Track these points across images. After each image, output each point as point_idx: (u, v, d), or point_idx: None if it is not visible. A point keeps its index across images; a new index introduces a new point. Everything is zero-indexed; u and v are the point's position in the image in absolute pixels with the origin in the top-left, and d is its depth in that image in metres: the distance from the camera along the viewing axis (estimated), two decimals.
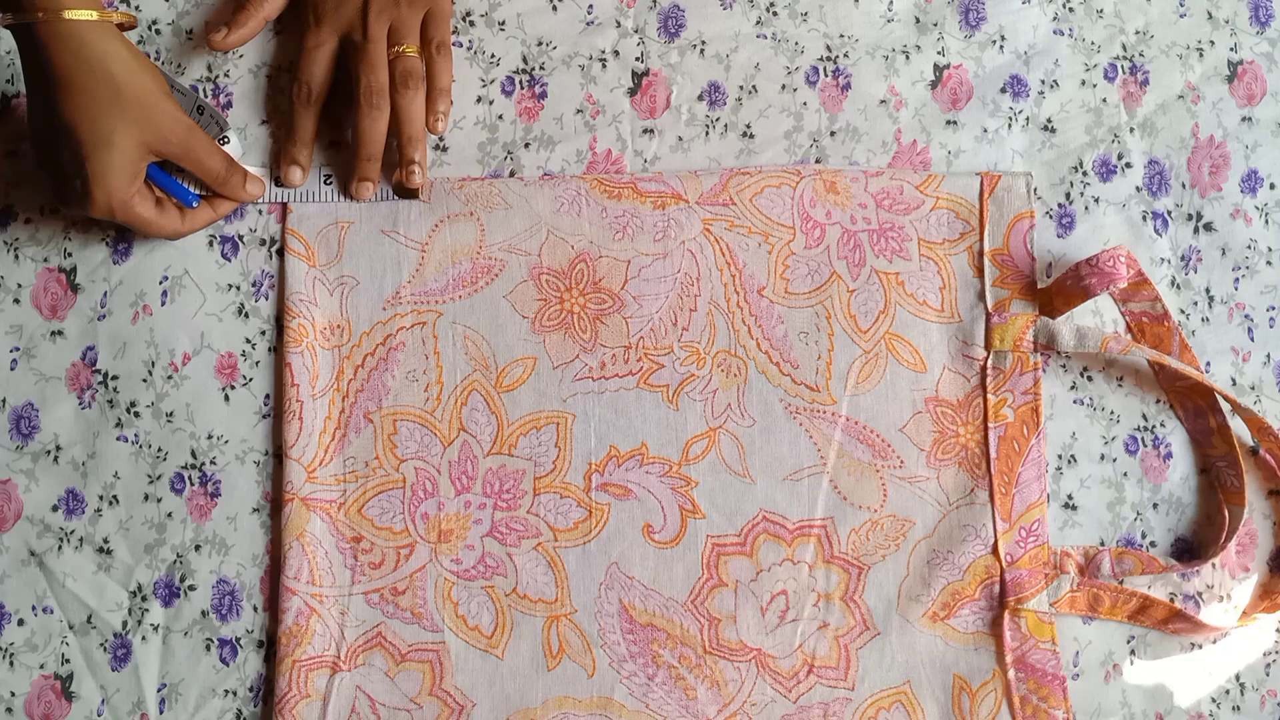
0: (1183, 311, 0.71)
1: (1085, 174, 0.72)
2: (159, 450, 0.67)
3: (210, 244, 0.69)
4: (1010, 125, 0.72)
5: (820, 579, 0.67)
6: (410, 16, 0.66)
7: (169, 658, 0.66)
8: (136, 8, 0.71)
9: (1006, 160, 0.72)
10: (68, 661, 0.65)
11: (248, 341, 0.68)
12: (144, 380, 0.68)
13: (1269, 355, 0.72)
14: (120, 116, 0.60)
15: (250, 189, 0.67)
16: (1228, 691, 0.69)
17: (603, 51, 0.72)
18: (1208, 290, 0.72)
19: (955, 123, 0.72)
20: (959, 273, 0.70)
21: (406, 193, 0.68)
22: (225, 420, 0.67)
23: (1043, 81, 0.73)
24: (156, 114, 0.62)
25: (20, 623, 0.66)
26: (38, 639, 0.66)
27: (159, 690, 0.66)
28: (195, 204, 0.66)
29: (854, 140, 0.72)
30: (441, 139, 0.70)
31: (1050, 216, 0.72)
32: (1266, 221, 0.73)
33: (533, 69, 0.71)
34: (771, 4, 0.73)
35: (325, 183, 0.69)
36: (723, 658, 0.66)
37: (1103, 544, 0.69)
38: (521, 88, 0.71)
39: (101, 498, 0.67)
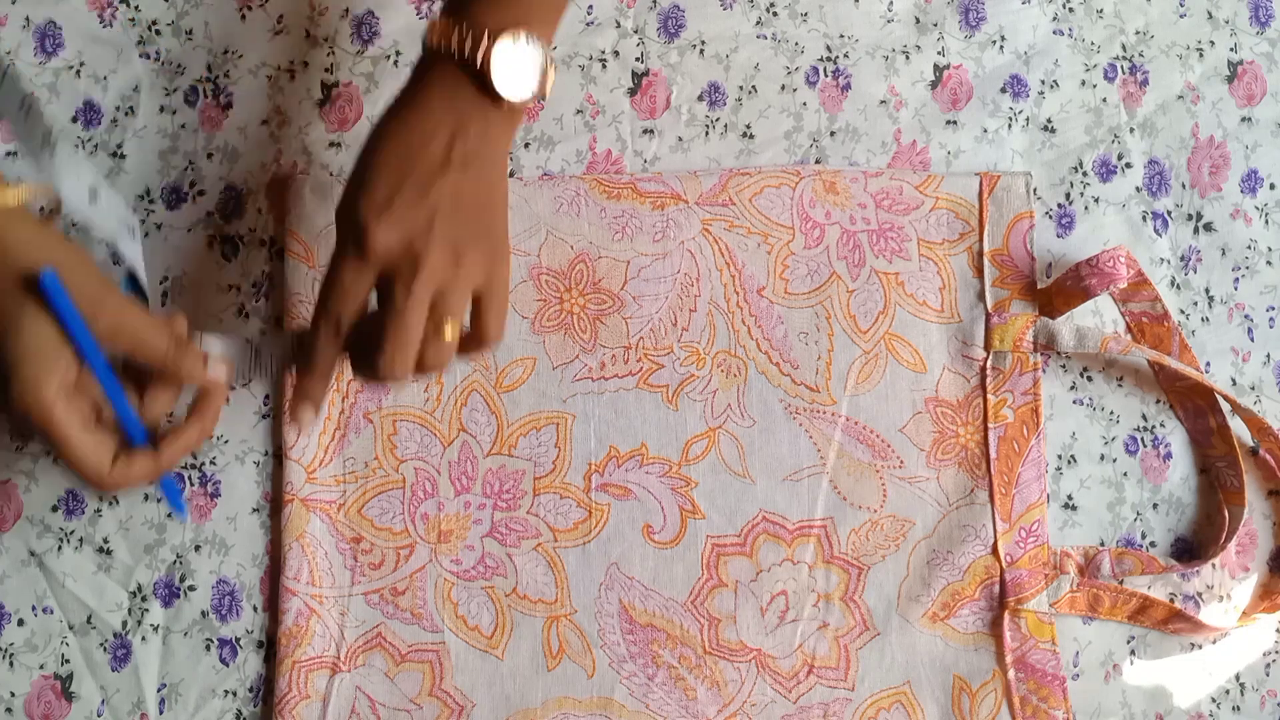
0: (1183, 312, 0.71)
1: (1085, 174, 0.72)
2: None
3: (210, 244, 0.69)
4: (1010, 125, 0.72)
5: (820, 579, 0.67)
6: (461, 282, 0.53)
7: (169, 658, 0.66)
8: (136, 8, 0.71)
9: (1006, 160, 0.72)
10: (67, 662, 0.66)
11: (248, 342, 0.68)
12: None
13: (1269, 355, 0.72)
14: (28, 311, 0.50)
15: (213, 371, 0.55)
16: (1228, 691, 0.69)
17: (603, 52, 0.72)
18: (1208, 290, 0.72)
19: (955, 123, 0.72)
20: (959, 273, 0.70)
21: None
22: (225, 420, 0.67)
23: (1043, 82, 0.73)
24: (74, 294, 0.50)
25: (20, 623, 0.66)
26: (38, 639, 0.66)
27: (159, 690, 0.66)
28: (140, 441, 0.54)
29: (854, 140, 0.72)
30: None
31: (1050, 217, 0.72)
32: (1266, 221, 0.73)
33: None
34: (771, 4, 0.73)
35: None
36: (722, 658, 0.66)
37: (1103, 544, 0.69)
38: None
39: (101, 498, 0.67)
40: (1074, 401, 0.70)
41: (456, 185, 0.53)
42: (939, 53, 0.73)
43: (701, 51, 0.72)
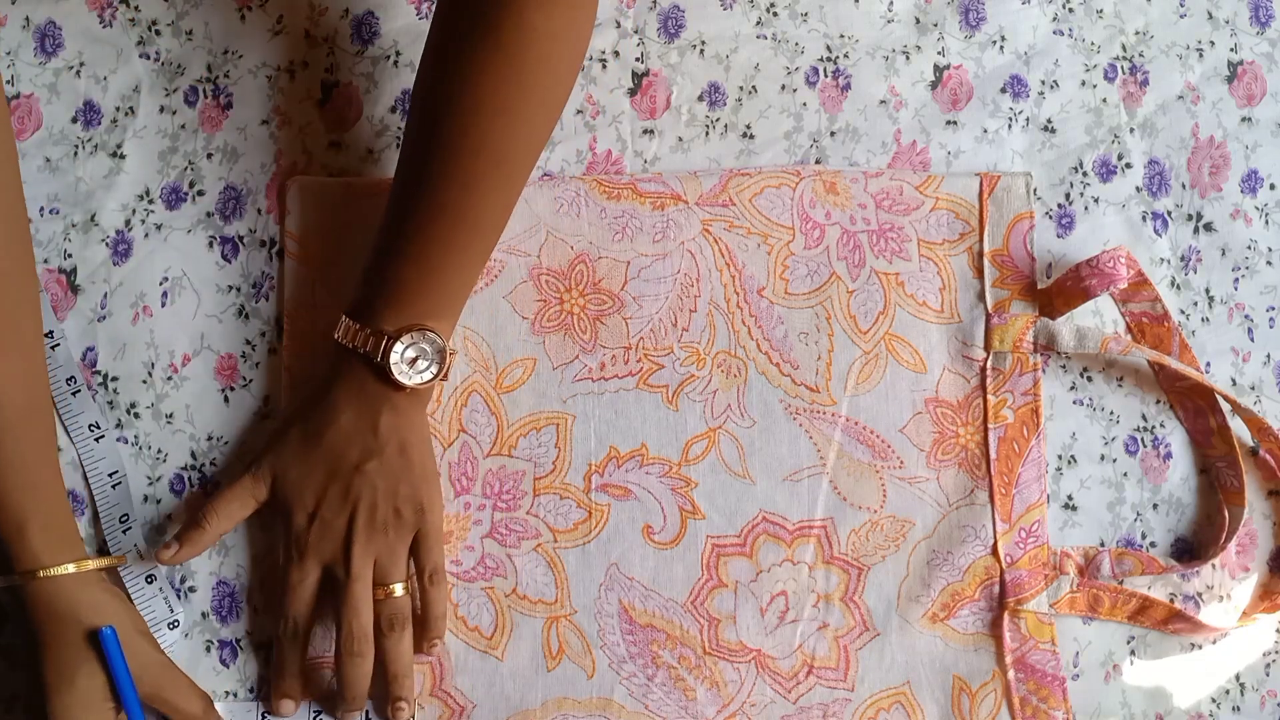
0: (1183, 312, 0.71)
1: (1085, 174, 0.72)
2: (159, 451, 0.67)
3: (210, 245, 0.69)
4: (1010, 126, 0.72)
5: (820, 579, 0.67)
6: (398, 546, 0.62)
7: None
8: (136, 8, 0.71)
9: (1006, 161, 0.72)
10: None
11: (248, 343, 0.68)
12: (144, 381, 0.68)
13: (1269, 355, 0.72)
14: (82, 662, 0.58)
15: None
16: (1228, 692, 0.69)
17: (603, 52, 0.72)
18: (1208, 290, 0.72)
19: (955, 123, 0.72)
20: (959, 273, 0.70)
21: None
22: (225, 422, 0.67)
23: (1043, 82, 0.73)
24: (127, 653, 0.59)
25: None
26: None
27: None
28: None
29: (854, 141, 0.72)
30: None
31: (1050, 217, 0.72)
32: (1266, 222, 0.73)
33: None
34: (771, 4, 0.72)
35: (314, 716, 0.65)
36: (722, 658, 0.66)
37: (1102, 544, 0.69)
38: None
39: None
40: (1074, 402, 0.70)
41: (375, 473, 0.61)
42: (939, 53, 0.73)
43: (701, 52, 0.72)
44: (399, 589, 0.62)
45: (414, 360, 0.61)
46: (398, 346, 0.60)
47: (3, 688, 0.65)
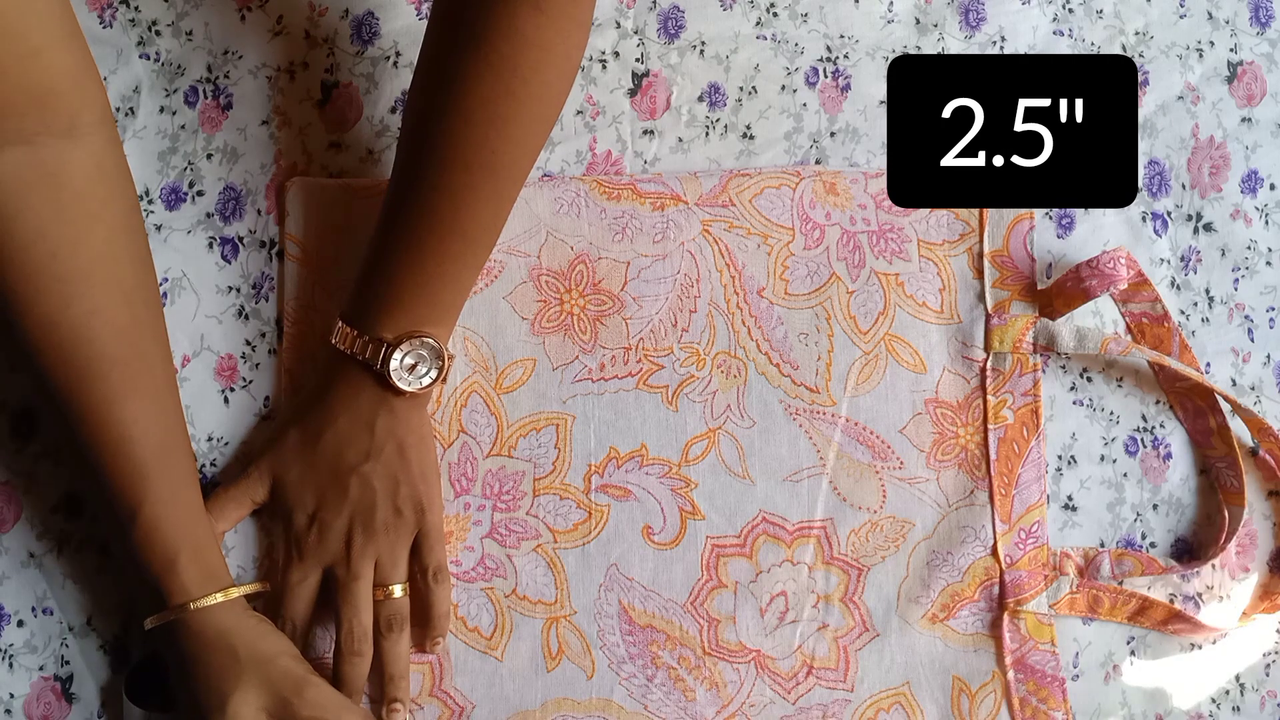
0: (1183, 312, 0.71)
1: None
2: None
3: (210, 246, 0.69)
4: None
5: (820, 580, 0.67)
6: (398, 546, 0.63)
7: None
8: (136, 8, 0.71)
9: None
10: (68, 663, 0.65)
11: (248, 344, 0.68)
12: None
13: (1269, 356, 0.72)
14: (237, 684, 0.58)
15: None
16: (1228, 692, 0.69)
17: (603, 52, 0.72)
18: (1207, 291, 0.72)
19: None
20: (959, 274, 0.70)
21: None
22: (225, 422, 0.67)
23: None
24: (273, 678, 0.59)
25: (20, 624, 0.66)
26: (37, 640, 0.66)
27: None
28: None
29: (854, 141, 0.72)
30: None
31: (1050, 218, 0.72)
32: (1266, 222, 0.73)
33: None
34: (771, 5, 0.72)
35: None
36: (722, 659, 0.66)
37: (1102, 545, 0.69)
38: None
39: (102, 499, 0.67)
40: (1074, 402, 0.70)
41: (373, 474, 0.62)
42: (939, 53, 0.73)
43: (701, 52, 0.72)
44: (398, 590, 0.63)
45: (413, 366, 0.61)
46: (396, 354, 0.60)
47: (2, 689, 0.65)
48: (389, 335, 0.61)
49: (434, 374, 0.62)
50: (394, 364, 0.60)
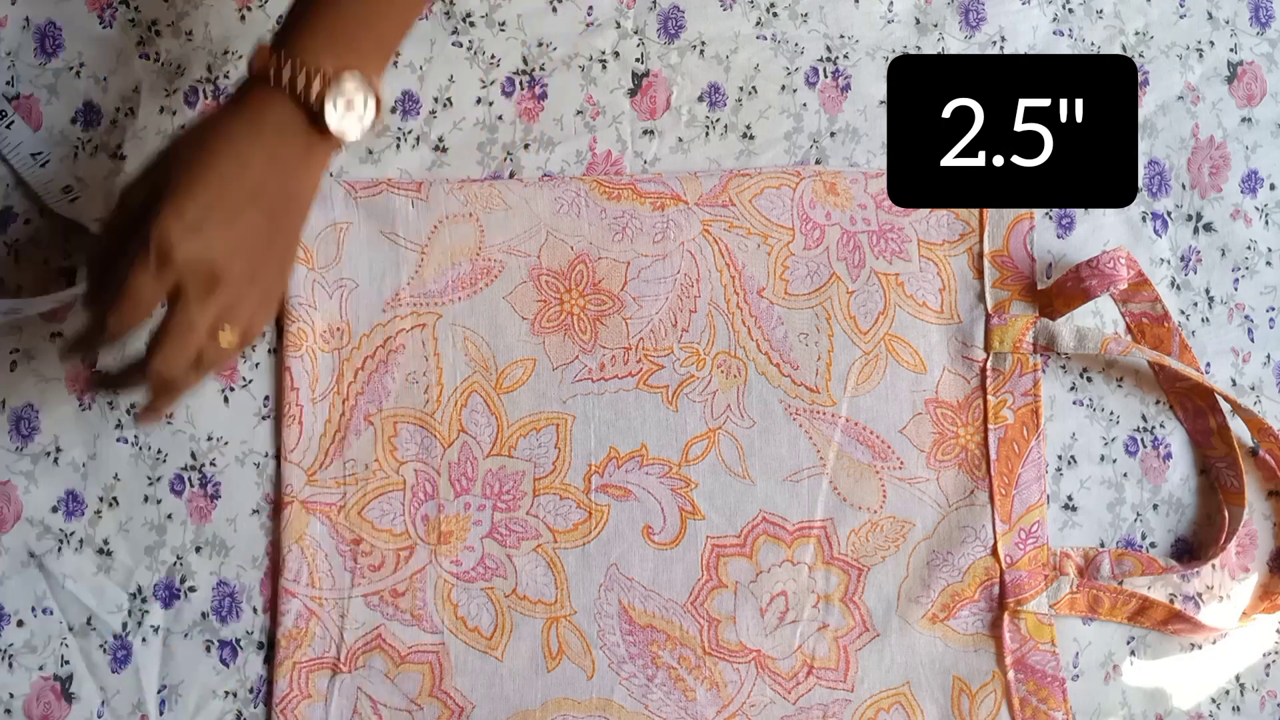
0: (1183, 312, 0.71)
1: None
2: (159, 452, 0.67)
3: None
4: None
5: (820, 580, 0.67)
6: (249, 297, 0.56)
7: (169, 659, 0.66)
8: (136, 9, 0.71)
9: None
10: (67, 663, 0.66)
11: None
12: None
13: (1269, 356, 0.72)
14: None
15: None
16: (1228, 692, 0.69)
17: (603, 52, 0.72)
18: (1207, 291, 0.72)
19: None
20: (959, 274, 0.70)
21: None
22: (225, 422, 0.67)
23: None
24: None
25: (20, 624, 0.66)
26: (37, 640, 0.66)
27: (159, 692, 0.66)
28: None
29: (854, 141, 0.72)
30: (442, 139, 0.70)
31: (1050, 218, 0.72)
32: (1266, 222, 0.73)
33: (533, 70, 0.71)
34: (771, 5, 0.72)
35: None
36: (722, 659, 0.66)
37: (1102, 545, 0.69)
38: (522, 89, 0.71)
39: (101, 499, 0.67)
40: (1074, 402, 0.70)
41: (263, 216, 0.55)
42: (939, 53, 0.73)
43: (701, 52, 0.72)
44: (225, 339, 0.55)
45: (349, 104, 0.55)
46: (335, 89, 0.54)
47: (2, 689, 0.65)
48: (329, 67, 0.54)
49: (366, 124, 0.56)
50: (329, 100, 0.54)
